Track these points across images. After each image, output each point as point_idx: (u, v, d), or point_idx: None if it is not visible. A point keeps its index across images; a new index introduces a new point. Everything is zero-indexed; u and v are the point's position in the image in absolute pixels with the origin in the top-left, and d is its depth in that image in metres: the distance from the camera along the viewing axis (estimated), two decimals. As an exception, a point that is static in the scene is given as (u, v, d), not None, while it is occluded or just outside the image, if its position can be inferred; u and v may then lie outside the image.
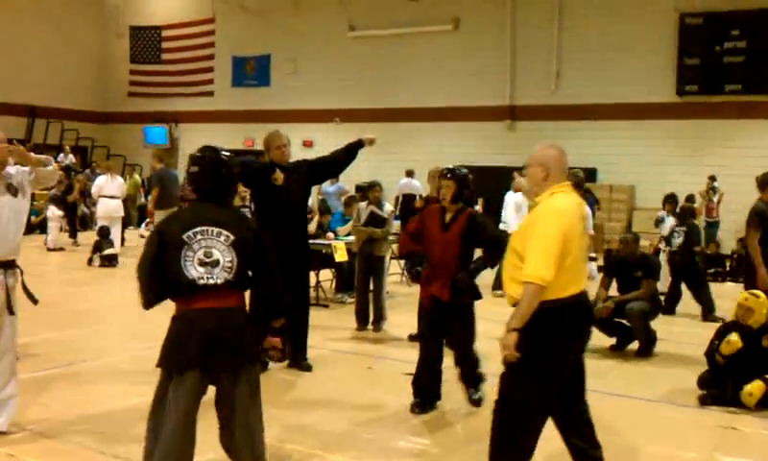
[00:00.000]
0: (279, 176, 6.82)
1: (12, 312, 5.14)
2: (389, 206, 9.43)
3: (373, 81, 21.86)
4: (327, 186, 20.31)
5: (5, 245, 5.06)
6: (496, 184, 20.08)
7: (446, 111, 20.76)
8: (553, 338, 3.97)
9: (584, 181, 9.23)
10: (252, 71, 24.28)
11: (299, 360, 7.14)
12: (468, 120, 20.58)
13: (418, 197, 11.35)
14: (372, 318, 9.07)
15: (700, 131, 17.94)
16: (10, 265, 5.11)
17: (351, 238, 10.20)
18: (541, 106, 19.87)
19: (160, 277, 3.88)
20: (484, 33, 20.65)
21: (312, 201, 19.31)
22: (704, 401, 6.38)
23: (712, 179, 16.52)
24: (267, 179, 6.94)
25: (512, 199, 11.20)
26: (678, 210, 12.21)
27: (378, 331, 8.95)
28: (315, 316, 7.81)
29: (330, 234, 11.29)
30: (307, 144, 21.96)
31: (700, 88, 18.18)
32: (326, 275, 11.26)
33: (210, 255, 3.82)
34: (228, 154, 4.10)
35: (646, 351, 8.11)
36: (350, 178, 19.63)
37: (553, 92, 19.85)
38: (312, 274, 10.06)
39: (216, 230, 3.86)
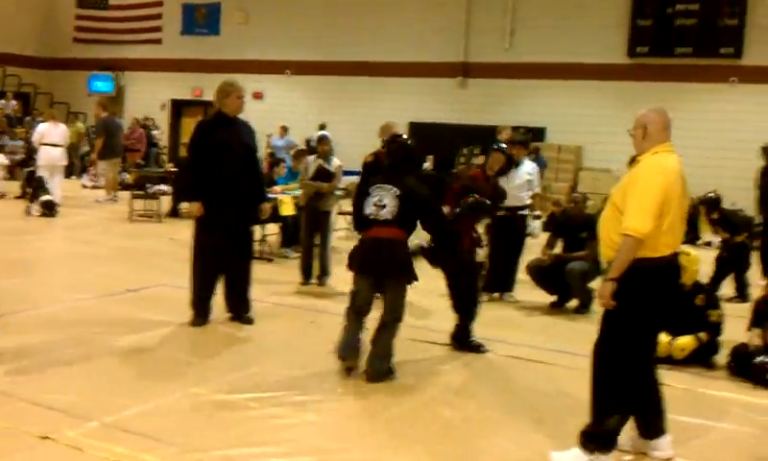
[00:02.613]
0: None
1: None
2: (337, 161, 9.33)
3: (326, 33, 21.54)
4: (276, 140, 20.12)
5: None
6: (447, 141, 20.20)
7: (399, 66, 20.59)
8: (650, 293, 4.21)
9: (529, 139, 9.27)
10: (201, 19, 23.74)
11: (240, 313, 7.09)
12: (420, 76, 20.46)
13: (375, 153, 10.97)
14: (316, 273, 9.03)
15: (650, 93, 18.03)
16: None
17: (298, 192, 10.10)
18: (495, 63, 19.82)
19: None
20: (439, -12, 20.47)
21: (263, 154, 19.14)
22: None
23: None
24: (212, 132, 6.82)
25: None
26: None
27: (323, 286, 8.92)
28: (259, 270, 7.75)
29: (277, 188, 11.19)
30: (257, 96, 21.65)
31: (651, 50, 18.30)
32: (272, 229, 11.15)
33: (380, 201, 5.72)
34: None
35: (583, 309, 8.24)
36: (300, 132, 19.54)
37: (506, 50, 19.80)
38: (257, 227, 9.97)
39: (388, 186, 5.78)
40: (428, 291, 7.33)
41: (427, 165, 19.71)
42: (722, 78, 17.64)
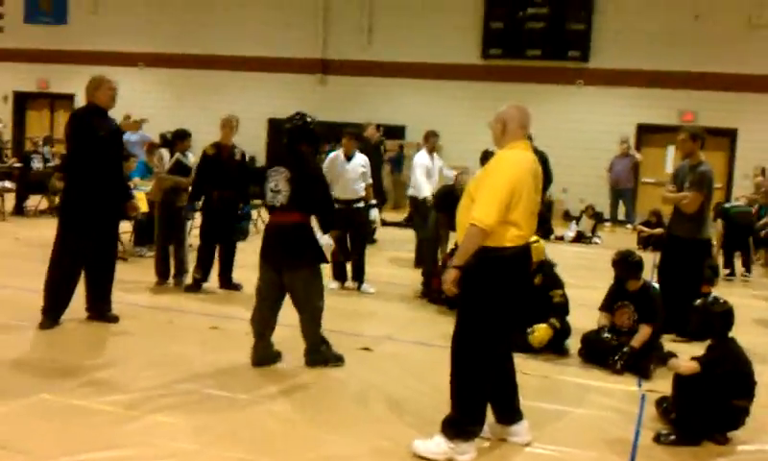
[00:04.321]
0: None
1: None
2: (192, 156, 9.10)
3: (181, 24, 20.90)
4: (130, 135, 19.36)
5: None
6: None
7: (257, 61, 20.28)
8: (499, 283, 4.29)
9: (360, 134, 9.68)
10: (46, 7, 22.49)
11: (104, 312, 6.86)
12: (279, 71, 20.26)
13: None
14: (173, 272, 8.75)
15: (502, 93, 18.60)
16: None
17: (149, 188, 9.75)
18: (354, 61, 19.88)
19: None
20: (296, -19, 20.33)
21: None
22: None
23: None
24: (91, 124, 6.49)
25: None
26: None
27: (180, 285, 8.64)
28: (113, 269, 7.42)
29: (130, 183, 10.76)
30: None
31: (503, 52, 18.85)
32: (125, 227, 10.69)
33: (276, 187, 5.63)
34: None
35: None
36: (153, 127, 18.85)
37: (365, 48, 19.91)
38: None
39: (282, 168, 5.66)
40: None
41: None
42: (570, 80, 18.45)
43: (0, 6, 22.86)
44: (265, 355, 5.86)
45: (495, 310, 4.36)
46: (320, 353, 5.89)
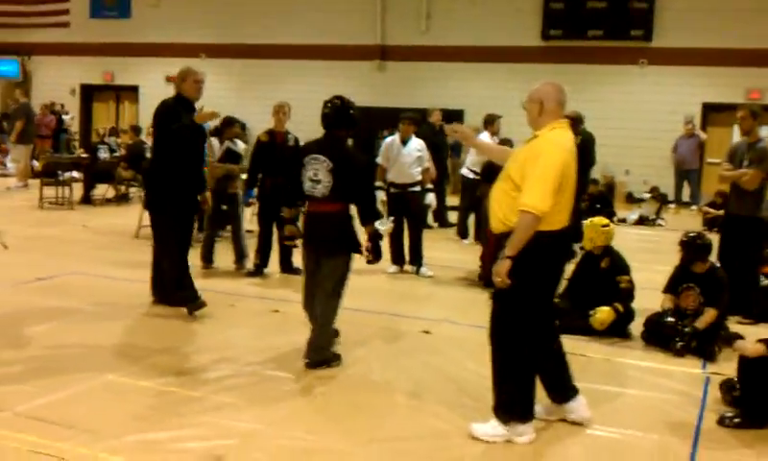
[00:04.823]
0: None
1: None
2: (242, 144, 9.24)
3: (240, 15, 21.13)
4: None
5: None
6: (367, 126, 20.12)
7: (315, 49, 20.39)
8: (545, 266, 4.25)
9: (417, 119, 9.56)
10: (111, 2, 23.00)
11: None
12: (337, 59, 20.32)
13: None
14: (234, 258, 8.88)
15: (564, 75, 18.35)
16: None
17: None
18: (412, 46, 19.83)
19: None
20: (353, -31, 20.35)
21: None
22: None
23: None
24: (177, 116, 6.54)
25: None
26: None
27: (241, 271, 8.76)
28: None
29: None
30: (171, 79, 21.16)
31: (564, 33, 18.57)
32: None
33: (315, 176, 5.41)
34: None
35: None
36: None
37: (423, 33, 19.85)
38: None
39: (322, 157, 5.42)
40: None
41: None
42: (632, 60, 18.06)
43: (67, 2, 23.42)
44: None
45: (538, 292, 4.31)
46: (322, 352, 5.53)
